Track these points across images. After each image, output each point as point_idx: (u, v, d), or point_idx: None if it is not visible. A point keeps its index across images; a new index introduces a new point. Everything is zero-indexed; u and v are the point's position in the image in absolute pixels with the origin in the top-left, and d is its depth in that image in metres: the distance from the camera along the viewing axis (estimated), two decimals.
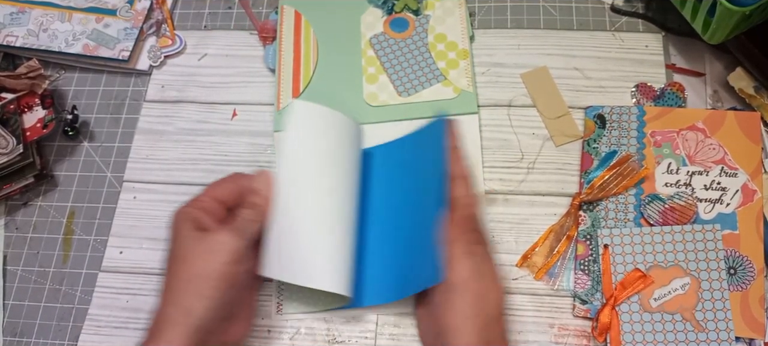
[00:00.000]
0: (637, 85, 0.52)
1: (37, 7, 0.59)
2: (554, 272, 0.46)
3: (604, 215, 0.47)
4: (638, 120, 0.50)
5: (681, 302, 0.43)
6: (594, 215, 0.47)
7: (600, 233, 0.46)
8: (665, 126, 0.49)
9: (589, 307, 0.45)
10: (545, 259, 0.47)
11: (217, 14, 0.60)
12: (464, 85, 0.52)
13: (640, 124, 0.49)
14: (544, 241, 0.47)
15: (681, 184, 0.47)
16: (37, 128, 0.53)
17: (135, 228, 0.52)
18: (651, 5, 0.55)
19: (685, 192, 0.47)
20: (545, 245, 0.47)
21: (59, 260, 0.51)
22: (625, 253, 0.45)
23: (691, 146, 0.48)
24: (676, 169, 0.48)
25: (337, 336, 0.46)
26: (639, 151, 0.49)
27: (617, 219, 0.47)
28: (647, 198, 0.47)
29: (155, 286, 0.49)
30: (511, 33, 0.56)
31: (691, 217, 0.46)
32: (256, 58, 0.57)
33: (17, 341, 0.49)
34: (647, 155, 0.48)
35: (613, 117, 0.50)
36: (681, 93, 0.51)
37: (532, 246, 0.47)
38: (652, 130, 0.49)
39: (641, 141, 0.49)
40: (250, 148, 0.54)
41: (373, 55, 0.54)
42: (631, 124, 0.50)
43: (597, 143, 0.49)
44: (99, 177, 0.54)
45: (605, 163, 0.48)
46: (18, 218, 0.53)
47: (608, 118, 0.50)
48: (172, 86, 0.57)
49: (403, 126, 0.51)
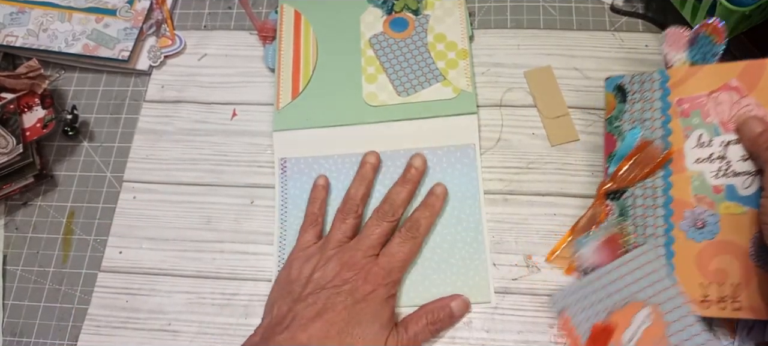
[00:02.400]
0: (665, 33, 0.44)
1: (37, 7, 0.59)
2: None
3: (632, 203, 0.43)
4: (661, 87, 0.42)
5: (652, 335, 0.40)
6: (621, 203, 0.43)
7: (552, 300, 0.43)
8: (693, 90, 0.41)
9: None
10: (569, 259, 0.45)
11: (217, 14, 0.60)
12: (464, 85, 0.52)
13: (663, 92, 0.41)
14: (572, 235, 0.46)
15: (715, 157, 0.40)
16: (36, 128, 0.53)
17: (135, 228, 0.52)
18: (651, 5, 0.55)
19: (611, 221, 0.43)
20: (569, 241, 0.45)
21: (59, 260, 0.52)
22: (583, 309, 0.42)
23: (724, 111, 0.40)
24: (708, 141, 0.41)
25: None
26: (665, 125, 0.41)
27: (646, 206, 0.42)
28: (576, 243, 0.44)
29: (155, 286, 0.49)
30: (511, 33, 0.56)
31: (622, 242, 0.43)
32: (255, 58, 0.57)
33: (17, 341, 0.49)
34: (674, 129, 0.41)
35: (634, 86, 0.42)
36: (716, 36, 0.41)
37: (560, 241, 0.46)
38: (678, 97, 0.41)
39: (667, 112, 0.41)
40: (249, 148, 0.54)
41: (373, 55, 0.54)
42: (653, 93, 0.42)
43: (619, 121, 0.43)
44: (99, 177, 0.54)
45: (629, 144, 0.43)
46: (18, 217, 0.54)
47: (629, 88, 0.43)
48: (171, 86, 0.57)
49: (403, 126, 0.51)
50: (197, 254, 0.50)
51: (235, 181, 0.52)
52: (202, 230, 0.51)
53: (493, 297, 0.46)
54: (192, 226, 0.51)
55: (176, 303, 0.49)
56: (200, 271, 0.49)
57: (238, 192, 0.52)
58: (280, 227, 0.50)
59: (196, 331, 0.47)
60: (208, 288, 0.49)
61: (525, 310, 0.46)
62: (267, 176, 0.52)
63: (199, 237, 0.51)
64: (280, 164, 0.52)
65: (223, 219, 0.51)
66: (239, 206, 0.51)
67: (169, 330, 0.48)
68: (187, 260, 0.50)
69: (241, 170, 0.53)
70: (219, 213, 0.51)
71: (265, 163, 0.53)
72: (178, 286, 0.49)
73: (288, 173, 0.51)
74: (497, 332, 0.45)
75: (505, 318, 0.45)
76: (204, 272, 0.49)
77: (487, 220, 0.48)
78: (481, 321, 0.46)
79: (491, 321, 0.46)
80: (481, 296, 0.46)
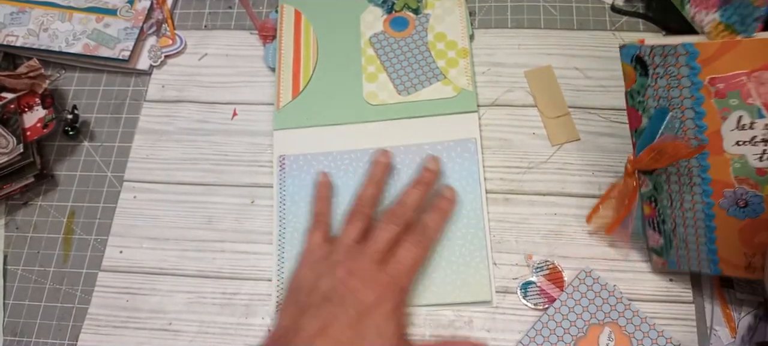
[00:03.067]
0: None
1: (38, 7, 0.59)
2: (626, 225, 0.44)
3: (666, 179, 0.39)
4: (689, 64, 0.35)
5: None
6: (654, 178, 0.40)
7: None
8: (729, 68, 0.35)
9: (666, 259, 0.43)
10: (616, 213, 0.43)
11: (218, 14, 0.60)
12: (464, 83, 0.52)
13: (692, 69, 0.35)
14: (608, 198, 0.44)
15: (758, 140, 0.35)
16: (37, 128, 0.53)
17: (135, 228, 0.52)
18: (651, 5, 0.55)
19: (545, 262, 0.45)
20: (611, 201, 0.43)
21: (59, 260, 0.52)
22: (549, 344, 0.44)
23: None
24: (749, 124, 0.36)
25: None
26: (696, 106, 0.36)
27: (681, 183, 0.38)
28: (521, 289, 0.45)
29: (155, 285, 0.49)
30: (512, 32, 0.56)
31: (561, 278, 0.45)
32: (256, 57, 0.57)
33: (17, 341, 0.49)
34: (708, 110, 0.36)
35: (656, 60, 0.36)
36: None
37: (600, 200, 0.46)
38: (710, 76, 0.36)
39: (697, 92, 0.36)
40: (250, 147, 0.54)
41: (373, 54, 0.54)
42: (680, 69, 0.36)
43: (642, 96, 0.38)
44: (99, 177, 0.54)
45: (655, 126, 0.37)
46: (18, 217, 0.54)
47: (649, 61, 0.36)
48: (172, 86, 0.57)
49: (403, 124, 0.51)
50: (198, 253, 0.50)
51: (235, 180, 0.52)
52: (203, 229, 0.51)
53: (494, 297, 0.46)
54: (192, 225, 0.51)
55: (177, 303, 0.49)
56: (201, 270, 0.49)
57: (238, 192, 0.52)
58: (279, 225, 0.50)
59: (197, 330, 0.47)
60: (208, 288, 0.49)
61: (525, 310, 0.46)
62: (268, 175, 0.52)
63: (200, 237, 0.51)
64: (278, 162, 0.52)
65: (224, 219, 0.51)
66: (240, 205, 0.51)
67: (169, 330, 0.48)
68: (187, 260, 0.50)
69: (242, 170, 0.53)
70: (220, 213, 0.51)
71: (266, 163, 0.53)
72: (179, 285, 0.49)
73: (287, 170, 0.51)
74: (498, 332, 0.45)
75: (506, 318, 0.45)
76: (204, 272, 0.49)
77: (487, 219, 0.48)
78: (481, 321, 0.46)
79: (492, 321, 0.46)
80: (482, 296, 0.46)
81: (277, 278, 0.48)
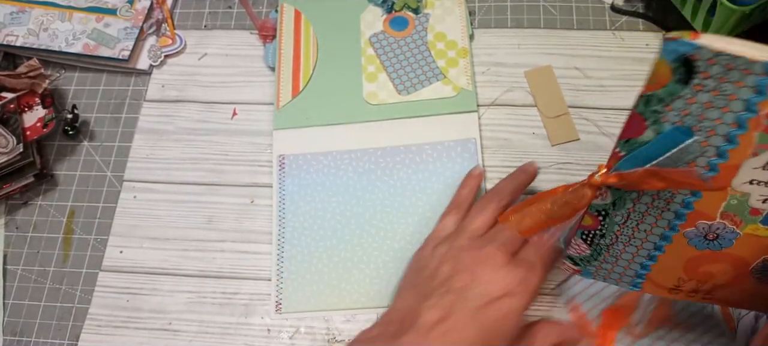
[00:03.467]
0: None
1: (38, 7, 0.59)
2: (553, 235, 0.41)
3: (637, 197, 0.34)
4: (757, 86, 0.27)
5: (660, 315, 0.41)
6: (620, 193, 0.34)
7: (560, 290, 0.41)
8: None
9: (580, 268, 0.39)
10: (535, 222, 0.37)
11: (217, 14, 0.60)
12: (464, 83, 0.52)
13: (757, 93, 0.27)
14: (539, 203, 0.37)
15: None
16: (37, 128, 0.53)
17: (135, 228, 0.52)
18: (651, 5, 0.55)
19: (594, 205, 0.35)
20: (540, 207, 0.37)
21: (59, 260, 0.52)
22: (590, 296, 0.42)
23: None
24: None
25: (337, 335, 0.46)
26: (731, 135, 0.29)
27: (653, 206, 0.34)
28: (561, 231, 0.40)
29: (156, 285, 0.49)
30: (512, 32, 0.56)
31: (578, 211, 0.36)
32: (256, 57, 0.57)
33: (17, 341, 0.49)
34: (742, 142, 0.29)
35: (713, 69, 0.27)
36: None
37: (523, 203, 0.38)
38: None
39: (744, 121, 0.28)
40: (250, 147, 0.54)
41: (373, 54, 0.54)
42: (739, 89, 0.27)
43: (662, 106, 0.29)
44: (99, 176, 0.54)
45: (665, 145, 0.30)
46: (18, 217, 0.54)
47: (702, 68, 0.27)
48: (172, 86, 0.57)
49: (403, 124, 0.51)
50: (198, 253, 0.50)
51: (235, 180, 0.52)
52: (203, 229, 0.51)
53: None
54: (193, 225, 0.51)
55: (177, 302, 0.49)
56: (201, 270, 0.49)
57: (238, 191, 0.52)
58: (279, 224, 0.50)
59: (197, 330, 0.47)
60: (208, 287, 0.49)
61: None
62: (268, 175, 0.52)
63: (200, 236, 0.51)
64: (278, 161, 0.52)
65: (224, 218, 0.51)
66: (240, 205, 0.51)
67: (169, 329, 0.48)
68: (188, 260, 0.50)
69: (242, 170, 0.53)
70: (220, 212, 0.51)
71: (266, 163, 0.53)
72: (179, 285, 0.49)
73: (286, 169, 0.51)
74: None
75: None
76: (205, 272, 0.49)
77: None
78: None
79: None
80: None
81: (277, 278, 0.48)
